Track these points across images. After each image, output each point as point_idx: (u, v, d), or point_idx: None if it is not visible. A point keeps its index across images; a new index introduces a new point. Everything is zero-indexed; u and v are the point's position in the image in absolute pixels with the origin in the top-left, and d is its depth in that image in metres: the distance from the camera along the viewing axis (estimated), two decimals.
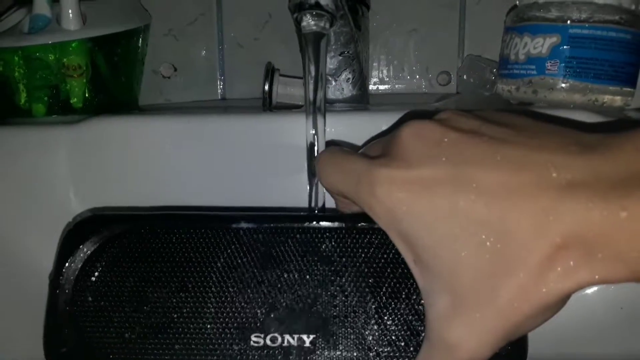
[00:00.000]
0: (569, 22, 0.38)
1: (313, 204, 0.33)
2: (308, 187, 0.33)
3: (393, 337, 0.26)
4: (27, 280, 0.36)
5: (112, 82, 0.47)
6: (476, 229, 0.20)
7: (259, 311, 0.26)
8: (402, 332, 0.26)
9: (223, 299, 0.26)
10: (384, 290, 0.26)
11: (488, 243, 0.20)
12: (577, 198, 0.18)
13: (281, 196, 0.37)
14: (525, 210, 0.19)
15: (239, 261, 0.27)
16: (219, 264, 0.27)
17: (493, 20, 0.50)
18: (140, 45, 0.50)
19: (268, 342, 0.26)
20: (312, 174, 0.33)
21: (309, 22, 0.33)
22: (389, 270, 0.26)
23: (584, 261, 0.19)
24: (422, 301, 0.23)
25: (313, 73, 0.33)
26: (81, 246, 0.27)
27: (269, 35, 0.54)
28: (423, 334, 0.25)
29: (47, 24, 0.43)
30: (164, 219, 0.28)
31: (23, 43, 0.42)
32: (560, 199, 0.19)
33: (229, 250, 0.27)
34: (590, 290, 0.37)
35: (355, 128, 0.38)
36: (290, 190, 0.37)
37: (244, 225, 0.27)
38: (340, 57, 0.44)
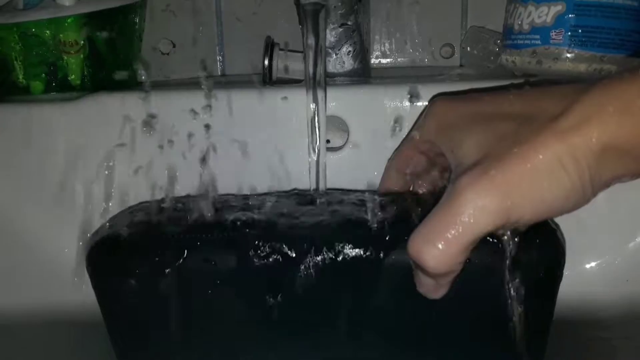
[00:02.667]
0: None
1: (315, 179, 0.33)
2: (309, 162, 0.33)
3: None
4: (25, 256, 0.37)
5: (110, 58, 0.46)
6: (511, 117, 0.23)
7: None
8: None
9: None
10: None
11: (518, 122, 0.23)
12: (605, 79, 0.21)
13: (282, 171, 0.36)
14: (556, 95, 0.23)
15: None
16: None
17: None
18: (137, 21, 0.49)
19: None
20: (313, 149, 0.33)
21: None
22: None
23: (596, 113, 0.20)
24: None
25: (312, 46, 0.32)
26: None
27: (267, 9, 0.53)
28: None
29: None
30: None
31: (18, 19, 0.42)
32: (589, 86, 0.21)
33: None
34: (594, 264, 0.37)
35: (357, 102, 0.37)
36: (292, 165, 0.36)
37: None
38: (341, 30, 0.43)
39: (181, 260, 0.27)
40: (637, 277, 0.36)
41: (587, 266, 0.37)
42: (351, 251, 0.27)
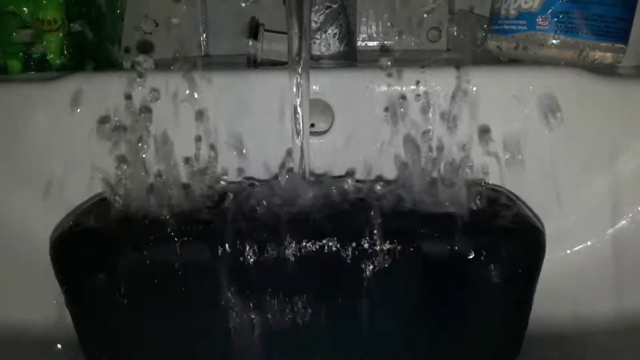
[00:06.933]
0: None
1: (298, 162, 0.33)
2: (293, 146, 0.33)
3: None
4: (4, 237, 0.36)
5: (91, 37, 0.45)
6: None
7: None
8: None
9: None
10: None
11: None
12: None
13: (264, 154, 0.36)
14: None
15: None
16: None
17: None
18: None
19: None
20: (297, 132, 0.33)
21: None
22: None
23: None
24: None
25: (296, 28, 0.32)
26: None
27: None
28: None
29: None
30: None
31: None
32: None
33: None
34: (573, 249, 0.37)
35: (342, 85, 0.37)
36: (275, 148, 0.36)
37: None
38: (326, 11, 0.42)
39: (151, 253, 0.26)
40: (616, 262, 0.37)
41: (568, 252, 0.37)
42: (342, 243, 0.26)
